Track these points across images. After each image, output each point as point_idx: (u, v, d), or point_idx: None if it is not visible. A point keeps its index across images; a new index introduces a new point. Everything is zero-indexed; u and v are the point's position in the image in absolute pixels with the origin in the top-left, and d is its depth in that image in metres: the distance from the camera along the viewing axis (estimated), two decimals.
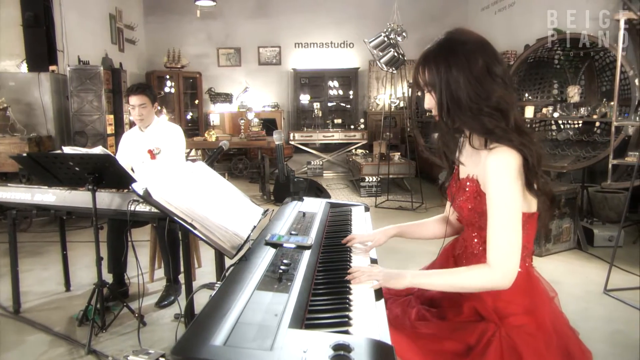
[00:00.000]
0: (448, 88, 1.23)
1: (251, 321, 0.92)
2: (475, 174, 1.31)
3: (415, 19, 8.28)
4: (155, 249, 3.33)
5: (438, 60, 1.25)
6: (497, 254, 1.19)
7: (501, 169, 1.18)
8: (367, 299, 1.14)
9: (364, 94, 9.30)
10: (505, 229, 1.18)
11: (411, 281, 1.26)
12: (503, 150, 1.20)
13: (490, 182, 1.20)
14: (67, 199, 2.67)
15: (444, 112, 1.27)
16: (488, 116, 1.22)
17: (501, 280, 1.18)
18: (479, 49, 1.23)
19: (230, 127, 8.51)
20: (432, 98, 1.30)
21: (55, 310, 2.92)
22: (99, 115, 5.45)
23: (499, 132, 1.21)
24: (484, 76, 1.22)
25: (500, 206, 1.18)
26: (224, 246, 1.33)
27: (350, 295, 1.14)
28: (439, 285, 1.26)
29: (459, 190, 1.37)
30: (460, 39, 1.25)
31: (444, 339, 1.26)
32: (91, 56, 6.21)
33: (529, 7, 6.79)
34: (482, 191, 1.28)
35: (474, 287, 1.23)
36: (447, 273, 1.29)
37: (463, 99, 1.22)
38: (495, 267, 1.18)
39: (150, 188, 1.34)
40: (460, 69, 1.22)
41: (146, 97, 3.09)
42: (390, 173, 6.26)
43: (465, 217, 1.36)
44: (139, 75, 8.26)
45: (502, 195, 1.18)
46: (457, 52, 1.23)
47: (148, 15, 8.75)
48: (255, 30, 8.93)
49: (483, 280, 1.20)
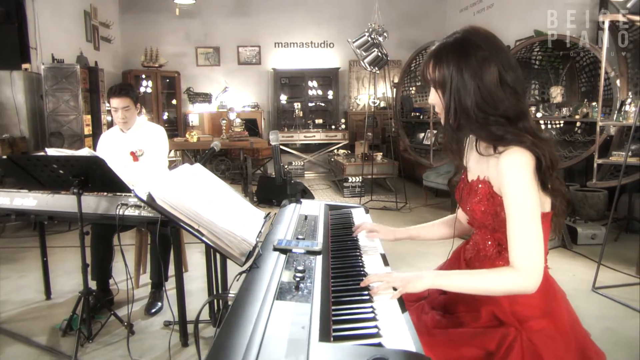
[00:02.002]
0: (457, 94, 1.20)
1: (279, 335, 0.87)
2: (486, 176, 1.28)
3: (395, 19, 8.32)
4: (140, 254, 3.22)
5: (450, 60, 1.21)
6: (522, 256, 1.15)
7: (516, 169, 1.16)
8: (390, 307, 1.09)
9: (344, 94, 9.28)
10: (527, 230, 1.15)
11: (431, 282, 1.19)
12: (515, 150, 1.17)
13: (507, 183, 1.17)
14: (49, 203, 2.55)
15: (451, 116, 1.24)
16: (495, 124, 1.20)
17: (529, 284, 1.14)
18: (494, 56, 1.20)
19: (209, 127, 8.37)
20: (438, 96, 1.27)
21: (35, 320, 2.79)
22: (75, 115, 5.26)
23: (509, 136, 1.19)
24: (495, 86, 1.19)
25: (520, 206, 1.15)
26: (233, 253, 1.26)
27: (373, 304, 1.10)
28: (461, 287, 1.20)
29: (470, 193, 1.34)
30: (476, 42, 1.21)
31: (462, 345, 1.22)
32: (65, 54, 6.00)
33: (507, 9, 6.89)
34: (495, 193, 1.25)
35: (499, 291, 1.18)
36: (470, 274, 1.24)
37: (470, 108, 1.19)
38: (522, 270, 1.14)
39: (154, 192, 1.26)
40: (471, 76, 1.19)
41: (129, 99, 2.97)
42: (374, 173, 6.25)
43: (478, 219, 1.33)
44: (115, 74, 8.04)
45: (521, 195, 1.15)
46: (472, 56, 1.19)
47: (124, 12, 8.53)
48: (235, 30, 8.81)
49: (510, 283, 1.15)
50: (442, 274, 1.23)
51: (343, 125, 8.79)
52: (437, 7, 9.08)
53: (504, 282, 1.16)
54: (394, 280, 1.19)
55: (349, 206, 2.13)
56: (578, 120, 4.58)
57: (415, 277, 1.20)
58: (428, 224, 1.66)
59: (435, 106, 1.31)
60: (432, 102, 1.31)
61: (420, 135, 6.41)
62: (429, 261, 3.62)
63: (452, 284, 1.20)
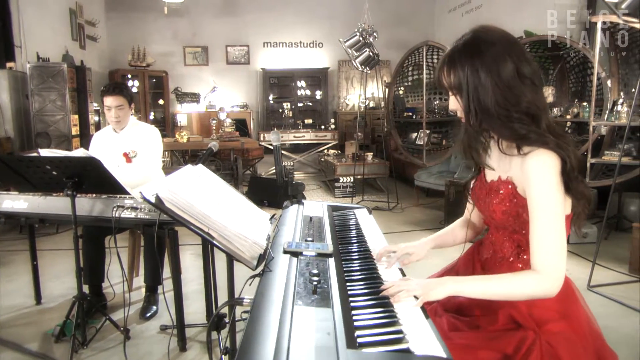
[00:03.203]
0: (475, 93, 1.18)
1: (305, 343, 0.83)
2: (509, 176, 1.26)
3: (383, 19, 8.30)
4: (133, 257, 3.15)
5: (464, 62, 1.19)
6: (546, 259, 1.13)
7: (544, 171, 1.14)
8: (411, 310, 1.07)
9: (333, 94, 9.26)
10: (552, 234, 1.13)
11: (453, 288, 1.16)
12: (542, 152, 1.15)
13: (533, 185, 1.15)
14: (41, 206, 2.48)
15: (472, 117, 1.21)
16: (518, 122, 1.18)
17: (551, 288, 1.13)
18: (508, 50, 1.18)
19: (198, 127, 8.28)
20: (457, 100, 1.25)
21: (26, 326, 2.70)
22: (62, 115, 5.14)
23: (533, 136, 1.17)
24: (513, 80, 1.17)
25: (546, 210, 1.13)
26: (245, 256, 1.22)
27: (393, 307, 1.07)
28: (484, 293, 1.17)
29: (489, 193, 1.32)
30: (488, 39, 1.19)
31: (479, 349, 1.20)
32: (51, 53, 5.87)
33: (496, 10, 6.93)
34: (518, 194, 1.23)
35: (522, 296, 1.16)
36: (492, 279, 1.21)
37: (491, 106, 1.17)
38: (545, 273, 1.13)
39: (161, 194, 1.22)
40: (488, 73, 1.16)
41: (123, 98, 2.91)
42: (365, 173, 6.24)
43: (498, 220, 1.31)
44: (102, 73, 7.90)
45: (547, 198, 1.13)
46: (485, 54, 1.17)
47: (110, 11, 8.39)
48: (223, 29, 8.73)
49: (533, 287, 1.13)
50: (462, 280, 1.21)
51: (333, 125, 8.77)
52: (426, 7, 9.12)
53: (527, 286, 1.14)
54: (414, 289, 1.15)
55: (352, 207, 2.11)
56: (569, 121, 4.62)
57: (435, 284, 1.17)
58: (448, 228, 1.61)
59: (457, 112, 1.28)
60: (453, 108, 1.28)
61: (412, 135, 6.42)
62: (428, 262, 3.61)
63: (474, 290, 1.17)
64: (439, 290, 1.15)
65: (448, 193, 4.46)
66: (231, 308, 1.39)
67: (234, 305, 1.21)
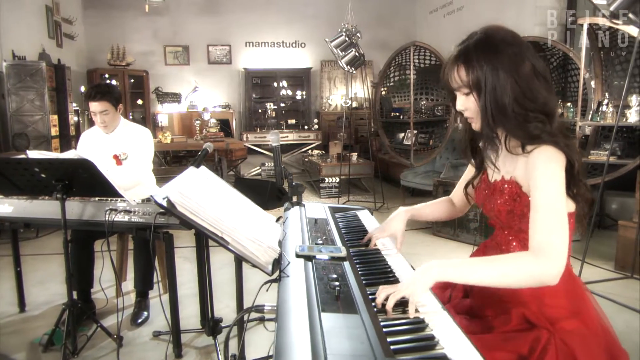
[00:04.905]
0: (493, 93, 1.17)
1: (341, 352, 0.80)
2: (513, 176, 1.26)
3: (365, 20, 8.31)
4: (122, 261, 3.07)
5: (482, 61, 1.17)
6: (544, 238, 1.07)
7: (550, 161, 1.14)
8: (437, 312, 1.05)
9: (316, 94, 9.24)
10: (550, 216, 1.09)
11: (439, 273, 1.08)
12: (549, 147, 1.15)
13: (536, 173, 1.14)
14: (27, 210, 2.38)
15: (489, 117, 1.20)
16: (534, 121, 1.17)
17: (551, 270, 1.05)
18: (524, 49, 1.18)
19: (179, 128, 8.15)
20: (472, 100, 1.23)
21: (11, 335, 2.60)
22: (41, 115, 4.98)
23: (545, 136, 1.17)
24: (531, 78, 1.17)
25: (545, 194, 1.11)
26: (260, 261, 1.19)
27: (419, 311, 1.05)
28: (474, 276, 1.09)
29: (493, 194, 1.32)
30: (504, 38, 1.18)
31: (494, 350, 1.18)
32: (27, 51, 5.67)
33: (478, 11, 7.00)
34: (523, 193, 1.23)
35: (519, 279, 1.07)
36: (483, 260, 1.13)
37: (508, 105, 1.17)
38: (543, 253, 1.05)
39: (172, 198, 1.17)
40: (508, 72, 1.16)
41: (107, 103, 2.78)
42: (350, 173, 6.24)
43: (504, 220, 1.30)
44: (80, 72, 7.69)
45: (548, 184, 1.12)
46: (504, 53, 1.16)
47: (87, 8, 8.18)
48: (204, 28, 8.61)
49: (530, 268, 1.06)
50: (448, 264, 1.11)
51: (316, 125, 8.74)
52: (407, 8, 9.17)
53: (523, 267, 1.07)
54: (402, 289, 1.06)
55: (353, 208, 2.09)
56: None
57: (420, 275, 1.09)
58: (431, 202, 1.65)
59: (466, 111, 1.26)
60: (463, 107, 1.26)
61: (400, 135, 6.44)
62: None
63: (463, 273, 1.09)
64: (423, 281, 1.07)
65: (436, 193, 4.48)
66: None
67: (249, 312, 1.17)
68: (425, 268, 1.10)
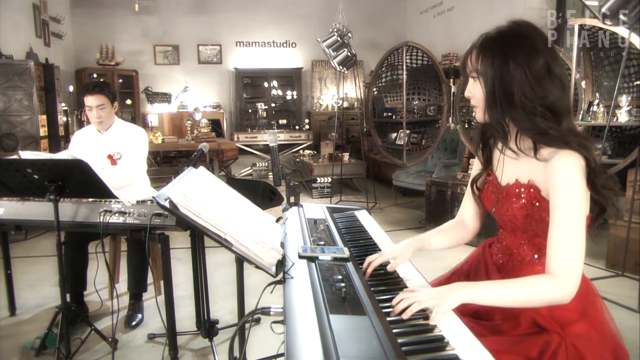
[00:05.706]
0: (501, 80, 1.18)
1: (353, 354, 0.80)
2: (530, 180, 1.25)
3: (356, 20, 8.31)
4: (115, 263, 3.03)
5: (495, 49, 1.19)
6: (564, 263, 1.11)
7: (570, 173, 1.13)
8: (442, 311, 1.04)
9: (307, 94, 9.22)
10: (573, 237, 1.11)
11: (466, 295, 1.09)
12: (568, 154, 1.14)
13: (558, 186, 1.14)
14: (18, 211, 2.34)
15: (494, 104, 1.20)
16: (541, 115, 1.17)
17: (568, 293, 1.11)
18: (542, 47, 1.18)
19: (169, 128, 8.08)
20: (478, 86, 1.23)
21: (2, 340, 2.55)
22: (30, 115, 4.90)
23: (552, 132, 1.16)
24: (543, 75, 1.17)
25: (568, 212, 1.12)
26: (264, 263, 1.17)
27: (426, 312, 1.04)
28: (499, 300, 1.12)
29: (507, 198, 1.30)
30: (524, 33, 1.19)
31: (503, 353, 1.17)
32: (14, 50, 5.58)
33: (468, 11, 7.04)
34: (542, 197, 1.22)
35: (538, 302, 1.13)
36: (506, 285, 1.17)
37: (516, 95, 1.17)
38: (562, 277, 1.10)
39: (175, 199, 1.16)
40: (518, 64, 1.16)
41: (105, 97, 2.77)
42: (342, 173, 6.24)
43: (520, 224, 1.29)
44: (69, 72, 7.59)
45: (571, 201, 1.12)
46: (518, 45, 1.17)
47: (75, 7, 8.07)
48: (195, 28, 8.55)
49: (549, 293, 1.11)
50: (474, 285, 1.15)
51: (307, 125, 8.73)
52: (398, 9, 9.20)
53: (543, 292, 1.11)
54: (424, 300, 1.08)
55: (351, 208, 2.08)
56: None
57: (447, 292, 1.11)
58: (439, 228, 1.54)
59: (472, 99, 1.27)
60: (470, 93, 1.27)
61: (392, 135, 6.45)
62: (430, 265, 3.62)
63: (488, 296, 1.12)
64: (451, 298, 1.09)
65: (429, 193, 4.49)
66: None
67: (253, 314, 1.16)
68: (453, 287, 1.13)
